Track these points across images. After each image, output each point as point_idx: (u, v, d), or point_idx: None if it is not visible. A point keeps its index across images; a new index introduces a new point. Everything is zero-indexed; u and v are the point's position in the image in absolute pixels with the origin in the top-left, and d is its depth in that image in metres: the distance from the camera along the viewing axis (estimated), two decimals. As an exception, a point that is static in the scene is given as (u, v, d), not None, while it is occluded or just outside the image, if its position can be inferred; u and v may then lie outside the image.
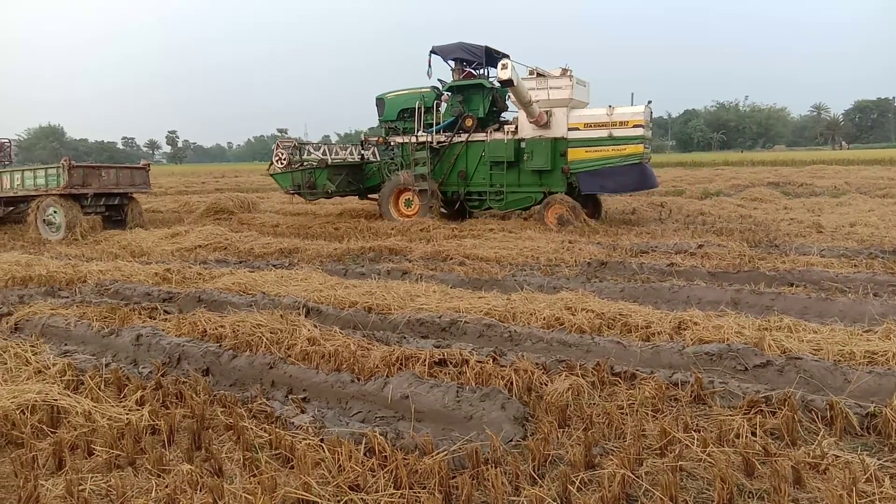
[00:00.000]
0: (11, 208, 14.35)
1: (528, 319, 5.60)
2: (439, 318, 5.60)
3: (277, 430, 3.46)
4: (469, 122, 13.76)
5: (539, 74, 12.85)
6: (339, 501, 2.79)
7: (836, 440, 3.31)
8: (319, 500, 2.78)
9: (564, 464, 3.10)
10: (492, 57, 13.87)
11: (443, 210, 14.47)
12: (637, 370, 4.22)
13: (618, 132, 12.30)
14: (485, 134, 13.73)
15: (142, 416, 3.68)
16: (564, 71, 12.76)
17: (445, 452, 3.13)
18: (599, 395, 3.95)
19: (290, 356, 4.71)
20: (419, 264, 8.69)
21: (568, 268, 8.28)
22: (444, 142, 14.00)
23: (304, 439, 3.33)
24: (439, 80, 14.63)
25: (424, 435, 3.34)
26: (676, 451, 3.12)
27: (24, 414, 3.73)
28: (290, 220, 15.34)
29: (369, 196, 16.13)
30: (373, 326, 5.67)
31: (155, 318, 6.05)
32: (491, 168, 13.63)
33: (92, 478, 3.07)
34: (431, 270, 8.14)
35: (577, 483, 2.89)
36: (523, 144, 13.23)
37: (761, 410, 3.60)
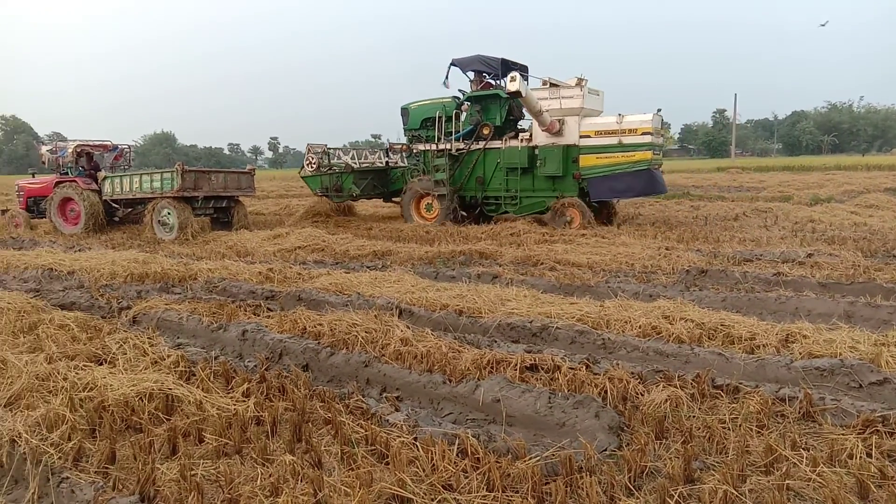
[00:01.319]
0: (130, 209, 15.47)
1: (623, 327, 5.48)
2: (530, 323, 5.57)
3: (373, 426, 3.56)
4: (486, 131, 14.40)
5: (552, 84, 13.29)
6: (433, 500, 2.84)
7: (966, 467, 3.05)
8: (414, 497, 2.83)
9: (662, 476, 3.01)
10: (509, 68, 14.33)
11: (463, 214, 15.06)
12: (740, 383, 4.04)
13: (627, 139, 12.67)
14: (501, 141, 14.27)
15: (247, 407, 3.88)
16: (579, 81, 13.07)
17: (538, 458, 3.11)
18: (699, 408, 3.81)
19: (383, 355, 4.83)
20: (509, 269, 8.69)
21: (665, 275, 8.03)
22: (462, 149, 14.60)
23: (398, 437, 3.41)
24: (459, 90, 15.30)
25: (517, 439, 3.33)
26: (783, 470, 2.97)
27: (143, 401, 4.01)
28: (383, 224, 15.71)
29: (393, 199, 17.15)
30: (463, 329, 5.71)
31: (259, 315, 6.36)
32: (507, 174, 14.22)
33: (203, 463, 3.27)
34: (522, 275, 8.10)
35: (676, 497, 2.81)
36: (537, 151, 13.72)
37: (877, 430, 3.37)
